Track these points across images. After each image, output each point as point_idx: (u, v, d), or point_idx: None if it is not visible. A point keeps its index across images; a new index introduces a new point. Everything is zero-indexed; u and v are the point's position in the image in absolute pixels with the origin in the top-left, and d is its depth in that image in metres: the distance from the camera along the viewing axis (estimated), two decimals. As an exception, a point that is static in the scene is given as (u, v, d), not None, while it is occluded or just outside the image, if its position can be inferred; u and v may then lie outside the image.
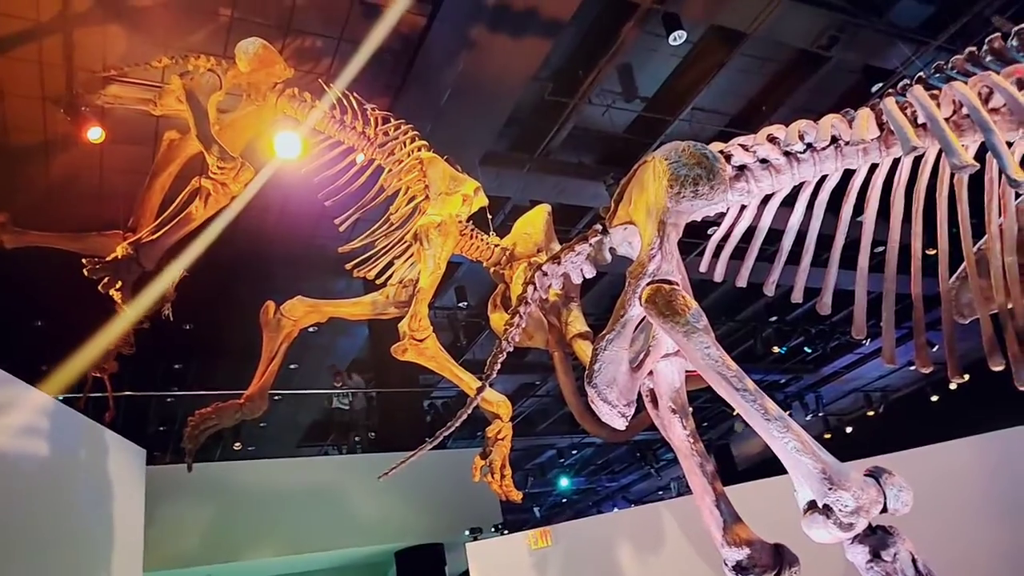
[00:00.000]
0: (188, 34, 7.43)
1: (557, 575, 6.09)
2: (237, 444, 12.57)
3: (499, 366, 2.93)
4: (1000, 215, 3.01)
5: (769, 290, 3.30)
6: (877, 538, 2.14)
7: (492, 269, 5.44)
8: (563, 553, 6.19)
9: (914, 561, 2.14)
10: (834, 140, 2.85)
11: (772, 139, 2.87)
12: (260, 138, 5.55)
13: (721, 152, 2.88)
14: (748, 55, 9.41)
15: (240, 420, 5.19)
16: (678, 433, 2.88)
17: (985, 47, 2.97)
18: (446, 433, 2.99)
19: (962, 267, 3.15)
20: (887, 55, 9.48)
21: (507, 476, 5.06)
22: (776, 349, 16.42)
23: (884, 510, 2.17)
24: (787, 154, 2.88)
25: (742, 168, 2.89)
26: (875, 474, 2.20)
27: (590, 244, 3.00)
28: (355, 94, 5.38)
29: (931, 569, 2.15)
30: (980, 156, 2.73)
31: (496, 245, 5.37)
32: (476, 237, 5.31)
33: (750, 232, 3.30)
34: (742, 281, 3.25)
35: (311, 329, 6.03)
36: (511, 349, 2.98)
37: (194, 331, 10.31)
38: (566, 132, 9.90)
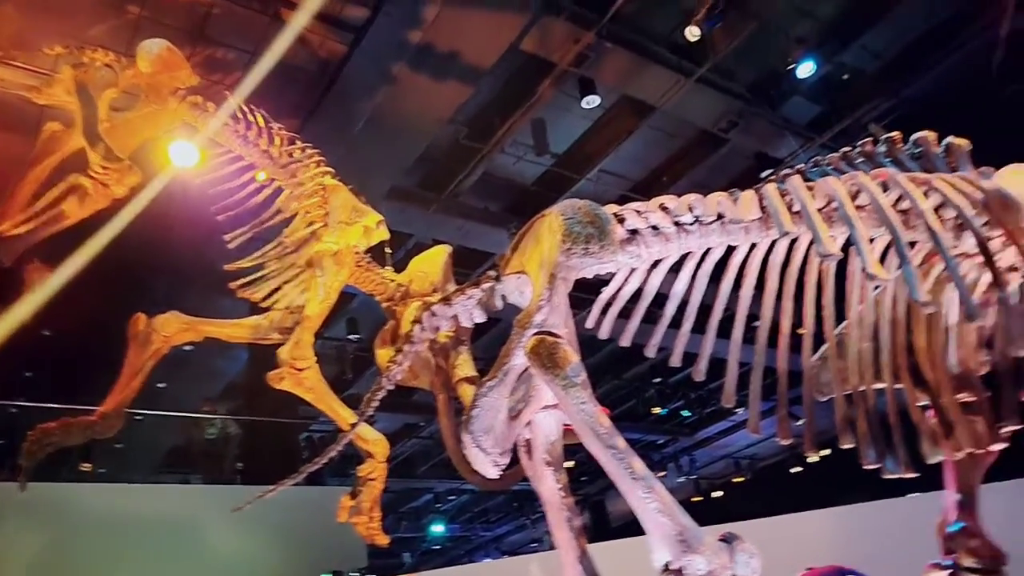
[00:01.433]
0: (89, 26, 7.06)
1: (417, 624, 5.92)
2: (86, 464, 11.59)
3: (376, 403, 2.87)
4: (860, 302, 3.26)
5: (650, 352, 3.40)
6: (727, 602, 2.20)
7: (385, 304, 5.38)
8: (426, 602, 6.02)
9: (758, 626, 2.21)
10: (720, 216, 3.01)
11: (664, 208, 3.00)
12: (155, 143, 5.30)
13: (616, 215, 2.98)
14: (655, 127, 9.90)
15: (91, 438, 4.81)
16: (549, 486, 2.89)
17: (858, 149, 3.26)
18: (310, 469, 2.88)
19: (824, 347, 3.37)
20: (778, 145, 10.22)
21: (375, 519, 4.91)
22: (657, 410, 16.94)
23: None
24: (676, 224, 3.01)
25: (634, 232, 3.00)
26: (728, 540, 2.27)
27: (482, 290, 3.01)
28: (262, 111, 5.26)
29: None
30: (847, 247, 2.97)
31: (392, 280, 5.31)
32: (372, 270, 5.25)
33: (638, 294, 3.43)
34: (626, 341, 3.33)
35: (186, 347, 5.72)
36: (391, 387, 2.93)
37: (54, 338, 9.54)
38: (476, 177, 10.03)
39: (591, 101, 8.80)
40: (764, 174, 10.27)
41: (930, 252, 2.90)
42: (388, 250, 5.71)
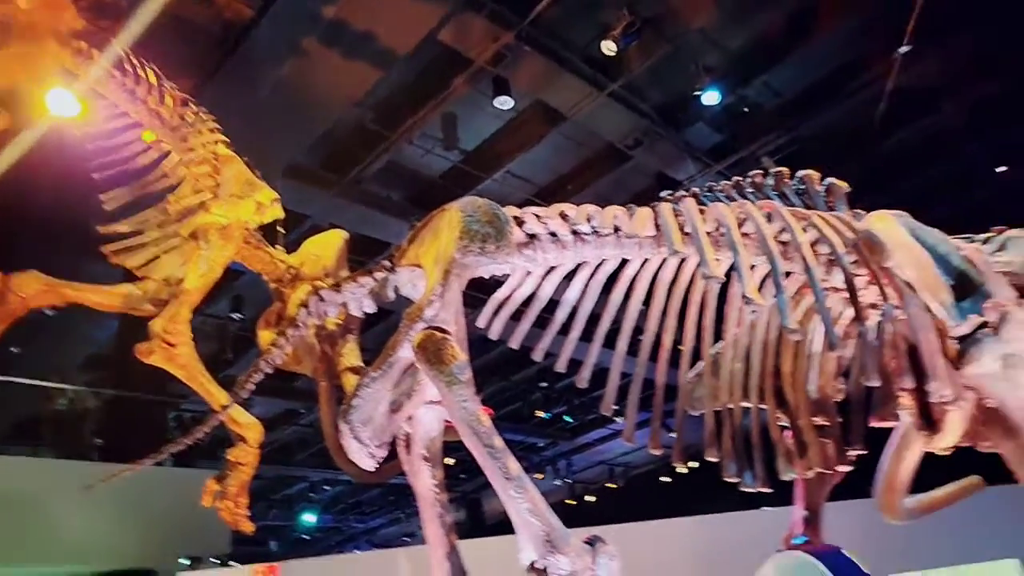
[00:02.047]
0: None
1: (276, 616, 5.74)
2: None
3: (252, 386, 2.76)
4: (736, 325, 3.43)
5: (538, 356, 3.44)
6: (583, 604, 2.26)
7: (273, 285, 5.18)
8: (287, 593, 5.86)
9: (612, 629, 2.28)
10: (616, 229, 3.09)
11: (564, 216, 3.05)
12: (29, 87, 4.88)
13: (516, 217, 3.00)
14: (564, 136, 10.06)
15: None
16: (425, 481, 2.88)
17: (749, 179, 3.43)
18: (175, 449, 2.74)
19: (701, 365, 3.53)
20: (678, 167, 10.62)
21: (242, 504, 4.72)
22: (540, 414, 17.22)
23: (594, 578, 2.30)
24: (574, 233, 3.07)
25: (533, 236, 3.03)
26: (592, 542, 2.33)
27: (375, 279, 2.96)
28: (154, 67, 4.95)
29: (626, 637, 2.31)
30: (730, 271, 3.12)
31: (282, 261, 5.12)
32: (262, 248, 5.04)
33: (530, 298, 3.46)
34: (515, 343, 3.36)
35: (48, 312, 5.30)
36: (270, 370, 2.83)
37: None
38: (380, 164, 9.86)
39: (504, 102, 8.84)
40: (663, 194, 10.60)
41: (803, 284, 3.09)
42: (281, 229, 5.51)
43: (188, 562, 6.79)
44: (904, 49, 7.96)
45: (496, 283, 3.65)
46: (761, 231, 2.77)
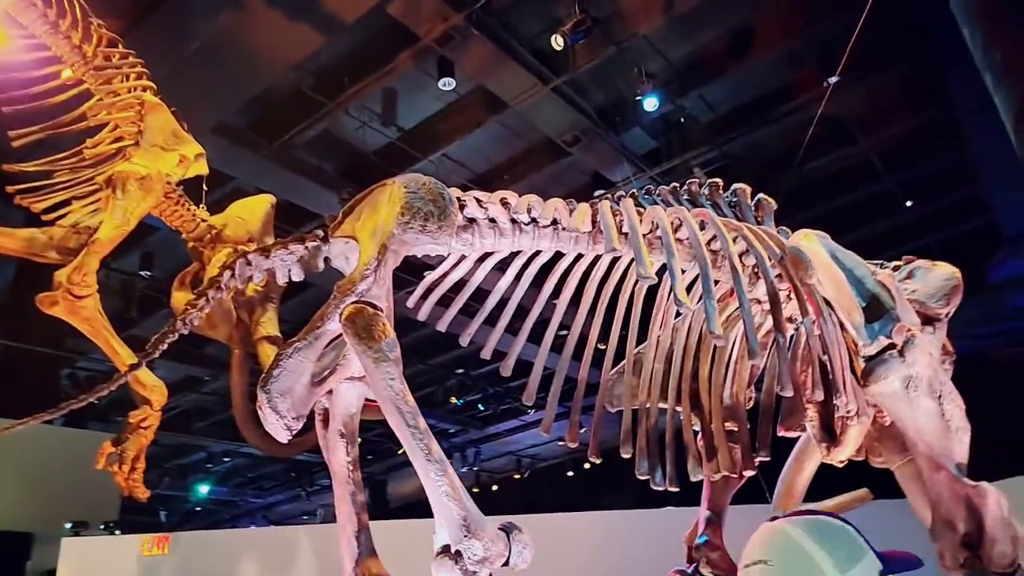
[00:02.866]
0: None
1: (166, 587, 5.52)
2: None
3: (165, 346, 2.63)
4: (660, 327, 3.51)
5: (464, 341, 3.44)
6: (493, 589, 2.27)
7: (192, 244, 4.98)
8: (179, 564, 5.63)
9: (519, 614, 2.30)
10: (555, 222, 3.11)
11: (504, 203, 3.04)
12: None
13: (457, 199, 2.98)
14: (504, 125, 10.04)
15: None
16: (340, 458, 2.82)
17: (685, 187, 3.51)
18: (72, 406, 2.59)
19: (623, 363, 3.60)
20: (613, 169, 10.78)
21: (138, 470, 4.51)
22: (454, 400, 17.22)
23: (506, 564, 2.31)
24: (513, 221, 3.07)
25: (472, 221, 3.01)
26: (507, 529, 2.35)
27: (306, 247, 2.86)
28: (81, 1, 4.64)
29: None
30: (660, 273, 3.19)
31: (204, 220, 4.93)
32: (183, 205, 4.83)
33: (462, 283, 3.44)
34: (443, 326, 3.34)
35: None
36: (185, 332, 2.70)
37: None
38: (314, 133, 9.59)
39: (447, 83, 8.75)
40: (597, 193, 10.80)
41: (727, 292, 3.19)
42: (205, 187, 5.29)
43: (72, 528, 6.43)
44: (834, 80, 8.32)
45: (423, 266, 3.63)
46: (694, 237, 2.85)
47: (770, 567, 1.15)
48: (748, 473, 3.45)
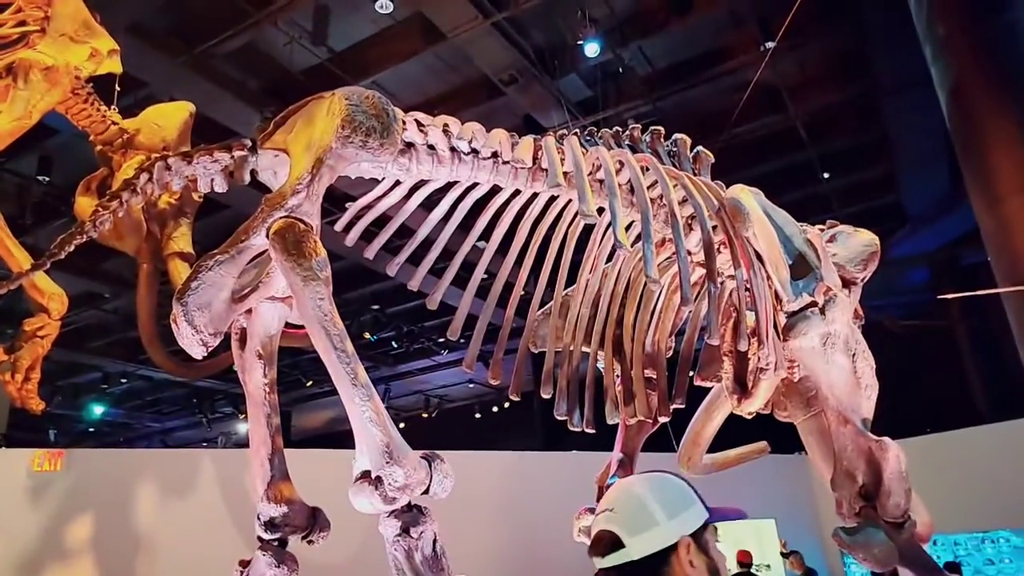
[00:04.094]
0: None
1: (58, 505, 5.26)
2: None
3: (71, 248, 2.44)
4: (590, 272, 3.53)
5: (391, 271, 3.36)
6: (411, 516, 2.26)
7: (100, 148, 4.62)
8: (73, 482, 5.37)
9: (435, 542, 2.31)
10: (495, 155, 3.04)
11: (446, 130, 2.94)
12: None
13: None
14: (439, 57, 9.72)
15: None
16: (256, 380, 2.73)
17: (627, 132, 3.49)
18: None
19: (549, 304, 3.61)
20: (546, 114, 10.67)
21: (33, 380, 4.24)
22: (368, 336, 17.03)
23: (426, 492, 2.30)
24: (453, 150, 2.98)
25: (410, 145, 2.90)
26: (429, 459, 2.33)
27: (232, 156, 2.69)
28: None
29: (445, 552, 2.35)
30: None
31: (115, 123, 4.57)
32: (92, 104, 4.45)
33: (391, 213, 3.33)
34: (370, 254, 3.25)
35: None
36: (94, 235, 2.50)
37: None
38: (238, 43, 9.00)
39: (385, 6, 8.37)
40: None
41: (660, 240, 3.22)
42: (118, 87, 4.89)
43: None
44: (770, 45, 8.43)
45: (345, 197, 3.49)
46: (636, 181, 2.84)
47: (614, 514, 1.34)
48: (663, 419, 3.56)
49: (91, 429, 19.49)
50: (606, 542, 1.31)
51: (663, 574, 1.27)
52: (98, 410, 17.61)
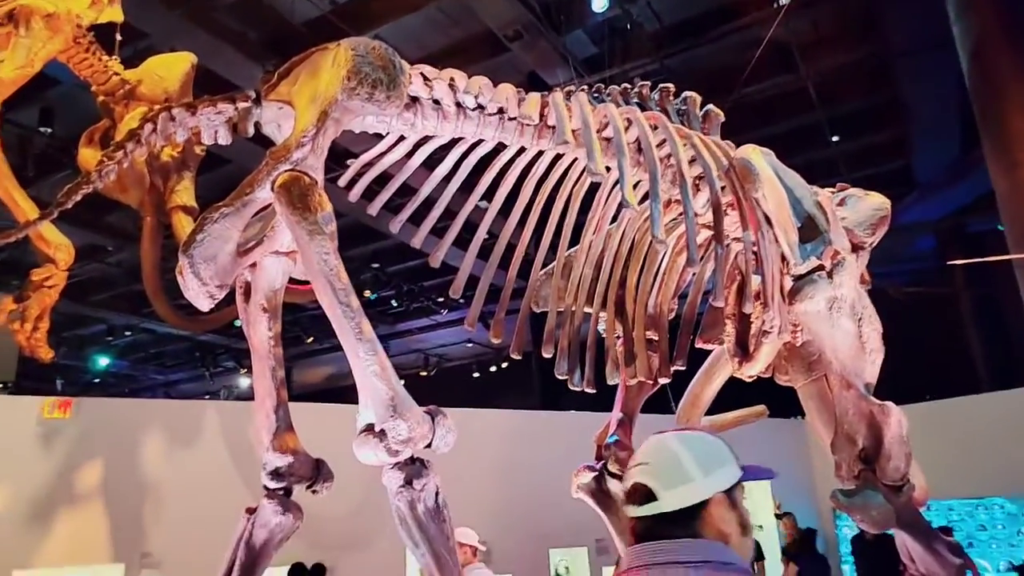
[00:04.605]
0: None
1: (65, 452, 5.34)
2: None
3: (77, 198, 2.42)
4: (594, 232, 3.51)
5: (394, 228, 3.34)
6: (415, 468, 2.30)
7: (102, 98, 4.57)
8: (81, 429, 5.45)
9: (437, 494, 2.34)
10: (501, 111, 2.99)
11: (452, 84, 2.90)
12: None
13: (404, 73, 2.80)
14: (443, 10, 9.55)
15: None
16: (261, 333, 2.73)
17: (636, 89, 3.44)
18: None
19: (552, 265, 3.60)
20: (552, 71, 10.50)
21: (41, 329, 4.25)
22: (368, 294, 17.06)
23: (428, 446, 2.33)
24: (458, 105, 2.94)
25: (415, 99, 2.86)
26: (432, 413, 2.35)
27: (236, 108, 2.66)
28: None
29: (447, 504, 2.39)
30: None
31: (117, 73, 4.51)
32: (94, 53, 4.39)
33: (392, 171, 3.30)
34: (373, 211, 3.22)
35: None
36: (100, 185, 2.49)
37: None
38: (241, -6, 8.86)
39: (391, -42, 8.19)
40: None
41: (669, 199, 3.19)
42: (119, 37, 4.81)
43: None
44: (784, 1, 8.26)
45: (347, 151, 3.45)
46: (645, 140, 2.80)
47: (649, 467, 1.37)
48: (663, 380, 3.58)
49: (97, 380, 19.69)
50: (641, 494, 1.35)
51: (695, 527, 1.31)
52: (103, 362, 17.79)
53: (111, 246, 13.20)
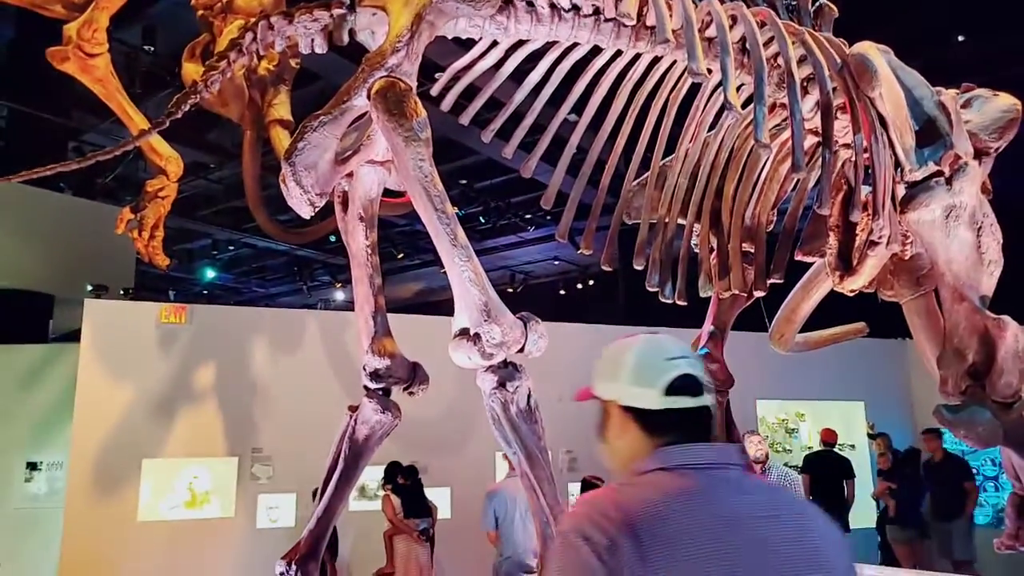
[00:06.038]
0: None
1: (181, 354, 5.79)
2: None
3: (186, 108, 2.52)
4: (690, 141, 3.38)
5: (486, 138, 3.32)
6: (507, 371, 2.36)
7: (201, 12, 4.66)
8: (194, 334, 5.88)
9: (529, 396, 2.41)
10: (596, 11, 2.88)
11: (545, -16, 2.79)
12: None
13: (493, -26, 2.72)
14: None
15: None
16: (359, 241, 2.82)
17: (742, -16, 3.22)
18: (100, 157, 2.52)
19: (646, 175, 3.51)
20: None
21: (157, 237, 4.54)
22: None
23: (521, 350, 2.38)
24: (553, 6, 2.84)
25: (508, 2, 2.78)
26: (525, 319, 2.39)
27: (331, 15, 2.66)
28: None
29: (539, 406, 2.45)
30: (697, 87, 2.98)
31: (215, -15, 4.57)
32: (191, -33, 4.46)
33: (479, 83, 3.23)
34: (465, 119, 3.21)
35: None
36: (207, 95, 2.57)
37: None
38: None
39: None
40: None
41: (773, 103, 3.03)
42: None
43: (92, 291, 6.61)
44: None
45: (435, 65, 3.40)
46: (752, 37, 2.64)
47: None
48: (759, 293, 3.48)
49: (204, 292, 20.93)
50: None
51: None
52: (210, 274, 18.84)
53: (213, 163, 13.74)
